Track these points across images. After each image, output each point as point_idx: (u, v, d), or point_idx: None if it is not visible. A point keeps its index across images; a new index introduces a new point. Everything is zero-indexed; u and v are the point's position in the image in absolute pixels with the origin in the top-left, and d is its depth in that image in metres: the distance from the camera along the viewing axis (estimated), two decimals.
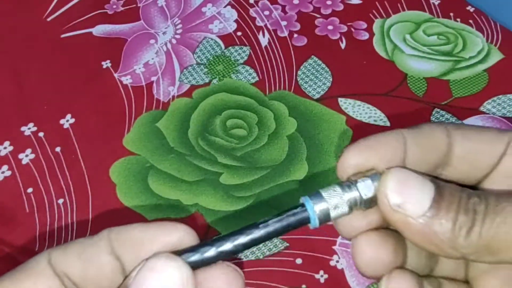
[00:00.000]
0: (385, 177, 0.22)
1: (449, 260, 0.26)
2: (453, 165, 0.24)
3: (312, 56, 0.54)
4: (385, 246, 0.23)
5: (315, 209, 0.22)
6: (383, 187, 0.22)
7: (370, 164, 0.23)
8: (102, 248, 0.22)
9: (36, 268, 0.22)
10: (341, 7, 0.58)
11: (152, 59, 0.55)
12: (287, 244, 0.43)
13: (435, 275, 0.26)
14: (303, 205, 0.22)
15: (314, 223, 0.23)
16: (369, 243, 0.23)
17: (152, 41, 0.56)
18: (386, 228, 0.24)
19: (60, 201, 0.46)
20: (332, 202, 0.22)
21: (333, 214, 0.22)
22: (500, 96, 0.51)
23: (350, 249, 0.24)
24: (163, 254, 0.21)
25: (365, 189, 0.22)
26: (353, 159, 0.23)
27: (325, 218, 0.22)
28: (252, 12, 0.58)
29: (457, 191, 0.22)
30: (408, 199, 0.21)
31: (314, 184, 0.46)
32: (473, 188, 0.24)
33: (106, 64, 0.54)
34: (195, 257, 0.21)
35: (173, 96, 0.52)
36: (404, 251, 0.24)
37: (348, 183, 0.22)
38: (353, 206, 0.22)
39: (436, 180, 0.22)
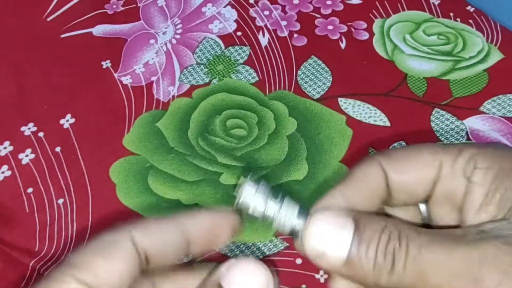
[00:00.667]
0: (305, 230, 0.23)
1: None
2: (393, 196, 0.25)
3: (312, 56, 0.54)
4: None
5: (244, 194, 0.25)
6: (304, 240, 0.23)
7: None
8: (178, 232, 0.24)
9: (123, 249, 0.23)
10: (341, 7, 0.58)
11: (152, 59, 0.55)
12: (287, 244, 0.43)
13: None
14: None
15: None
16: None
17: (152, 41, 0.56)
18: None
19: (60, 201, 0.46)
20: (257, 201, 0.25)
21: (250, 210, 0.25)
22: (500, 96, 0.50)
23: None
24: (253, 260, 0.23)
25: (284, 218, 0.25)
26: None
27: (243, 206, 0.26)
28: (252, 12, 0.58)
29: (378, 230, 0.22)
30: (327, 247, 0.23)
31: (314, 184, 0.46)
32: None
33: (106, 64, 0.54)
34: None
35: (173, 96, 0.52)
36: None
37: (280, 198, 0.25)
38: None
39: (361, 218, 0.23)
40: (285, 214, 0.25)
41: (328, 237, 0.23)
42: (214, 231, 0.26)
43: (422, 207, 0.26)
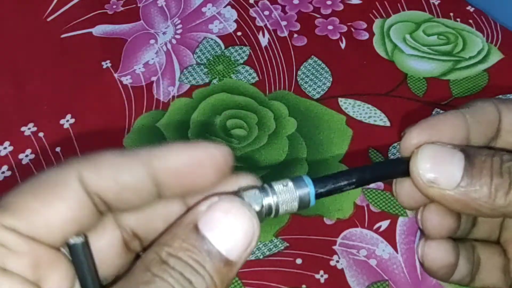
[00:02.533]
0: (415, 156, 0.23)
1: (485, 224, 0.28)
2: (502, 137, 0.25)
3: (312, 56, 0.54)
4: (450, 214, 0.25)
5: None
6: (415, 167, 0.23)
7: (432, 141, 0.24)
8: (142, 172, 0.20)
9: (67, 188, 0.19)
10: (341, 7, 0.58)
11: (152, 59, 0.55)
12: (287, 244, 0.43)
13: (470, 237, 0.28)
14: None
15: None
16: (437, 212, 0.25)
17: (152, 41, 0.56)
18: None
19: None
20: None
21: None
22: (500, 96, 0.50)
23: (419, 216, 0.26)
24: (237, 200, 0.20)
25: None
26: (416, 138, 0.24)
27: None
28: (252, 12, 0.58)
29: (489, 156, 0.23)
30: (440, 174, 0.23)
31: None
32: None
33: (106, 64, 0.54)
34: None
35: (173, 96, 0.52)
36: (460, 217, 0.26)
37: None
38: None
39: (467, 148, 0.23)
40: (285, 194, 0.23)
41: (439, 164, 0.23)
42: (193, 168, 0.21)
43: None
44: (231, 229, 0.20)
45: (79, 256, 0.20)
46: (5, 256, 0.18)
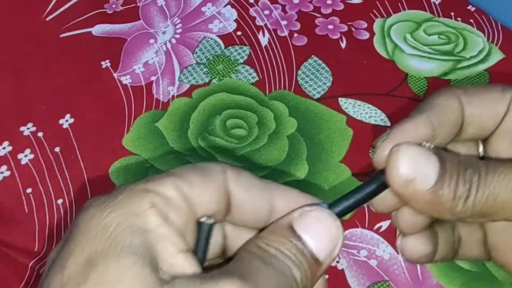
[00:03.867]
0: (396, 156, 0.24)
1: None
2: (464, 130, 0.27)
3: (312, 55, 0.54)
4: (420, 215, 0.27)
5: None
6: (394, 165, 0.24)
7: None
8: (265, 200, 0.24)
9: (218, 176, 0.23)
10: (341, 6, 0.58)
11: (152, 58, 0.54)
12: None
13: None
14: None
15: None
16: (409, 213, 0.27)
17: (151, 40, 0.56)
18: None
19: (60, 201, 0.45)
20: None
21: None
22: None
23: (393, 218, 0.28)
24: (326, 211, 0.24)
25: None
26: (387, 150, 0.25)
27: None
28: (252, 11, 0.58)
29: (456, 164, 0.24)
30: (418, 175, 0.24)
31: (314, 184, 0.46)
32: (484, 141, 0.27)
33: (106, 63, 0.54)
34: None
35: (173, 96, 0.52)
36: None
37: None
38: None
39: (439, 152, 0.25)
40: None
41: (418, 166, 0.24)
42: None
43: (480, 145, 0.28)
44: (321, 233, 0.23)
45: (204, 233, 0.23)
46: (169, 209, 0.22)
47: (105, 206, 0.21)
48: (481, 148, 0.28)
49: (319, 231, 0.23)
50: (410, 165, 0.24)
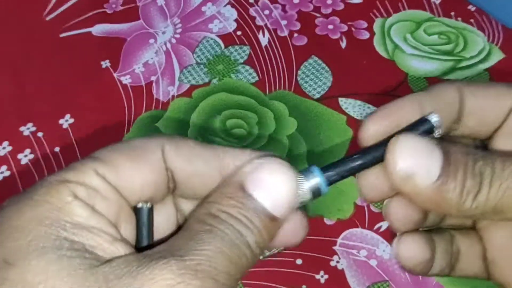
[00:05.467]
0: (393, 147, 0.22)
1: None
2: (463, 121, 0.25)
3: (312, 55, 0.54)
4: (414, 206, 0.25)
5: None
6: (392, 158, 0.22)
7: (389, 131, 0.24)
8: (214, 166, 0.22)
9: (152, 155, 0.22)
10: (341, 6, 0.58)
11: (152, 58, 0.54)
12: None
13: (444, 225, 0.27)
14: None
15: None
16: (401, 205, 0.25)
17: (151, 40, 0.56)
18: None
19: None
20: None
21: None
22: None
23: (383, 210, 0.26)
24: (279, 161, 0.22)
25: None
26: (373, 128, 0.24)
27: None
28: (252, 11, 0.58)
29: (464, 156, 0.22)
30: (418, 169, 0.22)
31: None
32: (483, 143, 0.25)
33: (106, 63, 0.54)
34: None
35: (173, 96, 0.52)
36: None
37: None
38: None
39: (443, 144, 0.22)
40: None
41: (418, 159, 0.22)
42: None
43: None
44: (275, 188, 0.21)
45: (143, 219, 0.21)
46: (95, 198, 0.20)
47: (23, 204, 0.20)
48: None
49: (273, 185, 0.21)
50: (409, 158, 0.22)
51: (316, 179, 0.23)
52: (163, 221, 0.23)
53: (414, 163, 0.22)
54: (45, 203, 0.20)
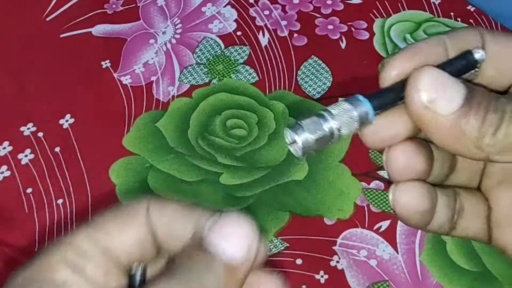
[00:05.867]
0: (417, 74, 0.22)
1: (465, 170, 0.26)
2: (482, 70, 0.24)
3: (312, 56, 0.54)
4: (418, 156, 0.24)
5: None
6: (415, 84, 0.22)
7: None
8: (190, 231, 0.22)
9: (138, 216, 0.22)
10: (341, 6, 0.58)
11: (152, 59, 0.54)
12: (287, 245, 0.43)
13: (449, 183, 0.27)
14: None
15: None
16: (404, 152, 0.24)
17: (151, 40, 0.56)
18: (416, 138, 0.24)
19: (60, 201, 0.45)
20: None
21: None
22: None
23: (384, 157, 0.24)
24: (236, 213, 0.22)
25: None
26: (396, 69, 0.23)
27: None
28: (252, 11, 0.58)
29: (486, 93, 0.22)
30: (440, 96, 0.21)
31: (314, 184, 0.46)
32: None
33: (106, 64, 0.54)
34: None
35: (173, 96, 0.52)
36: (432, 160, 0.25)
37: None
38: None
39: (466, 81, 0.22)
40: (343, 116, 0.23)
41: (441, 86, 0.21)
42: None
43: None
44: (230, 233, 0.21)
45: (136, 283, 0.22)
46: (86, 261, 0.21)
47: (23, 268, 0.21)
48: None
49: (232, 235, 0.21)
50: (431, 87, 0.21)
51: (363, 107, 0.23)
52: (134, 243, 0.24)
53: (438, 91, 0.21)
54: (36, 265, 0.21)
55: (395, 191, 0.24)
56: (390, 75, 0.24)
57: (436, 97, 0.21)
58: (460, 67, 0.23)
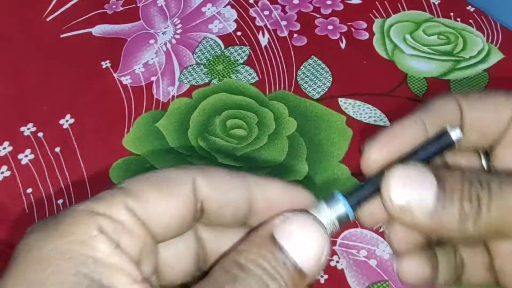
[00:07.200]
0: (386, 181, 0.22)
1: None
2: (465, 136, 0.24)
3: (312, 56, 0.54)
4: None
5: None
6: (386, 192, 0.22)
7: (393, 157, 0.23)
8: (243, 196, 0.22)
9: (182, 187, 0.21)
10: (341, 7, 0.58)
11: (152, 59, 0.54)
12: None
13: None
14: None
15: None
16: (402, 230, 0.24)
17: (151, 41, 0.56)
18: None
19: (60, 201, 0.45)
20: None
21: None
22: None
23: (385, 233, 0.25)
24: (310, 216, 0.21)
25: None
26: (375, 156, 0.24)
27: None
28: (252, 12, 0.58)
29: (459, 180, 0.22)
30: (412, 200, 0.22)
31: (314, 184, 0.46)
32: (487, 153, 0.25)
33: (106, 64, 0.54)
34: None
35: (173, 96, 0.52)
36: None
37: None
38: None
39: (437, 170, 0.22)
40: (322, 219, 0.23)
41: (411, 190, 0.22)
42: (282, 206, 0.22)
43: (482, 157, 0.26)
44: (305, 242, 0.21)
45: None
46: (121, 234, 0.19)
47: (48, 233, 0.19)
48: (483, 160, 0.26)
49: (303, 240, 0.21)
50: (403, 190, 0.22)
51: (342, 207, 0.23)
52: (182, 252, 0.23)
53: (408, 195, 0.22)
54: (69, 235, 0.19)
55: (398, 264, 0.25)
56: (368, 164, 0.24)
57: (410, 200, 0.21)
58: (437, 149, 0.23)
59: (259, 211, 0.22)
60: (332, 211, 0.23)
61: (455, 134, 0.23)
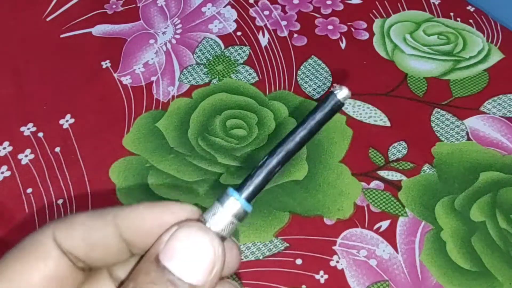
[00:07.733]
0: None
1: None
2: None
3: (312, 56, 0.54)
4: None
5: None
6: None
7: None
8: (109, 233, 0.21)
9: (43, 249, 0.21)
10: (341, 6, 0.58)
11: (152, 59, 0.54)
12: (287, 245, 0.43)
13: None
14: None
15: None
16: None
17: (151, 41, 0.56)
18: None
19: (60, 201, 0.45)
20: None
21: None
22: (500, 96, 0.50)
23: None
24: (195, 225, 0.20)
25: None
26: None
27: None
28: (252, 12, 0.58)
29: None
30: None
31: (314, 184, 0.46)
32: None
33: (106, 64, 0.54)
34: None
35: (173, 96, 0.52)
36: None
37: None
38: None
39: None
40: (218, 219, 0.22)
41: None
42: (158, 229, 0.21)
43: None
44: (190, 256, 0.20)
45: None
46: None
47: None
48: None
49: (187, 254, 0.20)
50: None
51: (235, 203, 0.22)
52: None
53: None
54: None
55: None
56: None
57: None
58: (327, 113, 0.24)
59: (137, 241, 0.21)
60: (227, 210, 0.22)
61: (341, 94, 0.24)
